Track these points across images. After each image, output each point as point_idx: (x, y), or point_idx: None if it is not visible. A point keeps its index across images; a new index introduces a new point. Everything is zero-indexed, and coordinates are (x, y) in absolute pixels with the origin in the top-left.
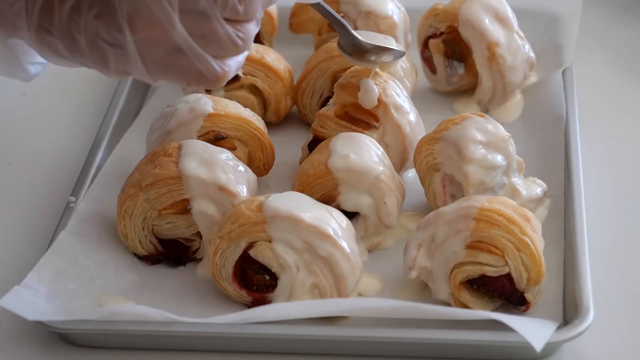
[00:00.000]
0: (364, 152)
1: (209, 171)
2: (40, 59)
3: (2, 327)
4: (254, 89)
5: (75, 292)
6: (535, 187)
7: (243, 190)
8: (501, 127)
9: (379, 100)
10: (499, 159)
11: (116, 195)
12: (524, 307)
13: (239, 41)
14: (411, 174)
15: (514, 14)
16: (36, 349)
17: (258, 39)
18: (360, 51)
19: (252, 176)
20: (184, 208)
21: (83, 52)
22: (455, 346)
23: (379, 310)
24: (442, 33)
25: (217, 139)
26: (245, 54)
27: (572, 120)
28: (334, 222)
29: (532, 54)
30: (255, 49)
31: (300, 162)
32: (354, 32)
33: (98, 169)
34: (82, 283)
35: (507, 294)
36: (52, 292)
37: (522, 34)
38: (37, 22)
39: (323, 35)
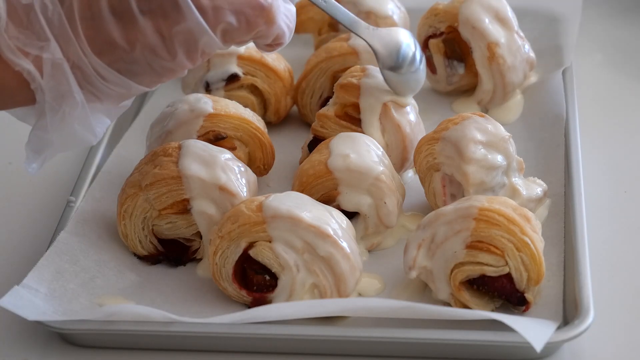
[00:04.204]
0: (364, 152)
1: (209, 171)
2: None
3: (2, 327)
4: (254, 89)
5: (75, 292)
6: (535, 187)
7: (243, 190)
8: (501, 127)
9: None
10: (499, 159)
11: (116, 195)
12: (524, 307)
13: None
14: (411, 174)
15: (514, 14)
16: (36, 349)
17: None
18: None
19: (252, 176)
20: (184, 208)
21: (143, 34)
22: (455, 346)
23: (379, 310)
24: (442, 33)
25: (217, 139)
26: (293, 9)
27: (572, 120)
28: (334, 222)
29: (532, 54)
30: (255, 49)
31: (300, 162)
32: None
33: (98, 169)
34: (82, 283)
35: (507, 294)
36: (51, 292)
37: (522, 34)
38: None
39: (323, 35)
